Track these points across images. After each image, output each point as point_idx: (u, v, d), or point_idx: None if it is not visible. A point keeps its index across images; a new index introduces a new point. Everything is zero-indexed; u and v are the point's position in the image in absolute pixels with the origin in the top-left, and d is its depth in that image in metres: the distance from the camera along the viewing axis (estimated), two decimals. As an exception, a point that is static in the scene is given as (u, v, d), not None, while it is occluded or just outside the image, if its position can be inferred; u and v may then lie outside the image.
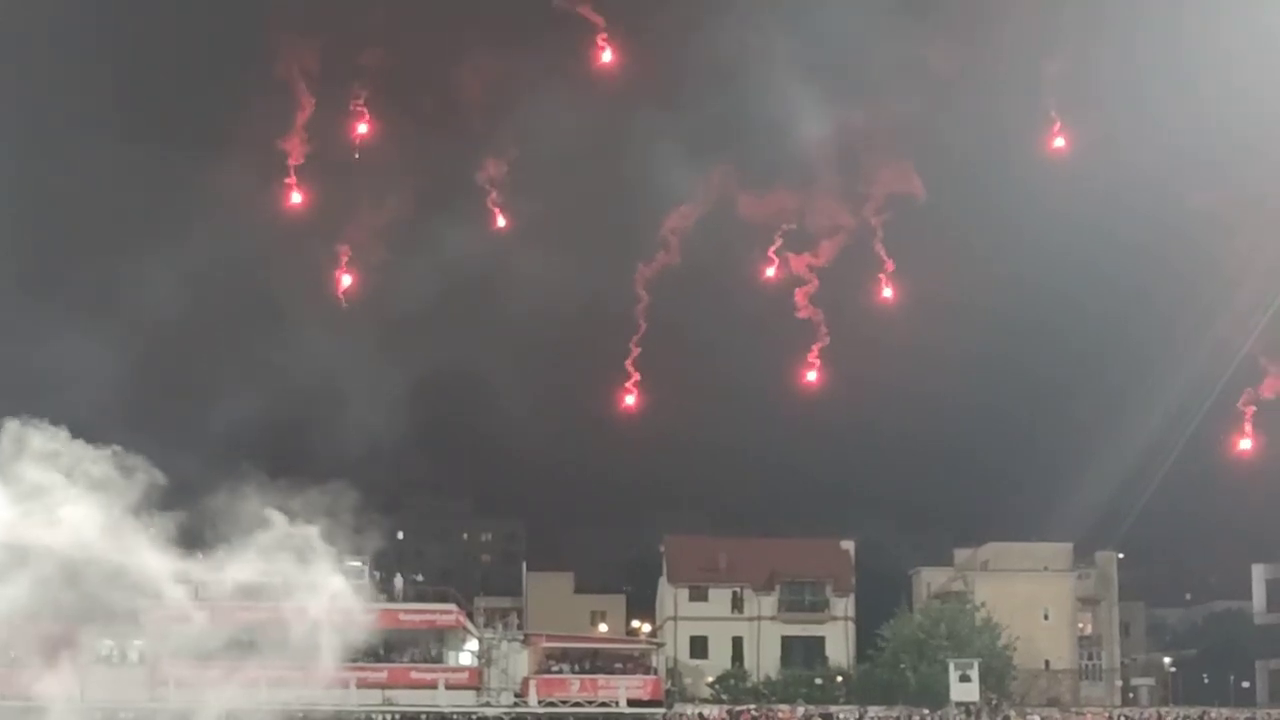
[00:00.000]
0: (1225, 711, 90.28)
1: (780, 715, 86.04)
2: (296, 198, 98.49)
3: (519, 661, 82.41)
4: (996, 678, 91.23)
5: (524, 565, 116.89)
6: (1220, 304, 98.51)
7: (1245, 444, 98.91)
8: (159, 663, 78.00)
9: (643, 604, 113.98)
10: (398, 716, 79.51)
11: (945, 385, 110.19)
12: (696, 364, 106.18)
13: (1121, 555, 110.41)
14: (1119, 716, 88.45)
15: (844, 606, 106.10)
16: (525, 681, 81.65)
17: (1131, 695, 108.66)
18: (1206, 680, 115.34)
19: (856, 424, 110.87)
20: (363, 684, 79.02)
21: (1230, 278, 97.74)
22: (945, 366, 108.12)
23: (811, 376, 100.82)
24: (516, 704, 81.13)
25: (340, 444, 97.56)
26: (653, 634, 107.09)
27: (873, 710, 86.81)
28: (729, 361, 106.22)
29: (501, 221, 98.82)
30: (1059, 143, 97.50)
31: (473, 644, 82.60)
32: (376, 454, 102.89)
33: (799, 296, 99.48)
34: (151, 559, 64.27)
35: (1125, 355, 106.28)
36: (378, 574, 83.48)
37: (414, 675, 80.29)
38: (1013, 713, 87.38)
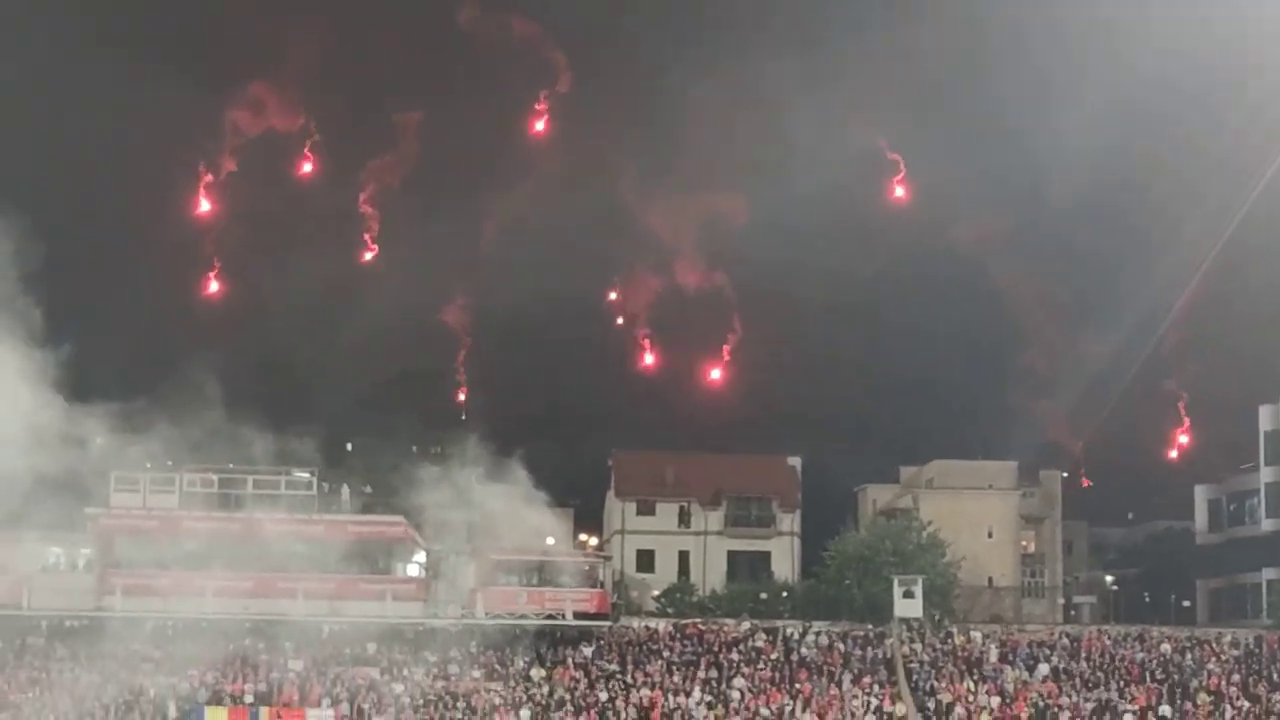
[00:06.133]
0: (1166, 630, 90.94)
1: (725, 629, 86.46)
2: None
3: (466, 574, 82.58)
4: (940, 594, 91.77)
5: (472, 478, 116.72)
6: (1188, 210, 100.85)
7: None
8: (106, 571, 78.06)
9: (590, 518, 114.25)
10: (345, 627, 79.60)
11: (893, 305, 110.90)
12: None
13: (1065, 474, 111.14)
14: (1060, 633, 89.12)
15: (790, 522, 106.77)
16: (472, 594, 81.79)
17: (1073, 613, 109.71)
18: (1147, 599, 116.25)
19: (803, 342, 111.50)
20: (310, 595, 79.12)
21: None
22: (893, 285, 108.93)
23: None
24: (463, 616, 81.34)
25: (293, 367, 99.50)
26: (600, 547, 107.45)
27: (817, 625, 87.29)
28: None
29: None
30: (899, 192, 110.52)
31: (420, 556, 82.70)
32: (327, 373, 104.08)
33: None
34: None
35: (1073, 280, 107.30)
36: (325, 485, 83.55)
37: (361, 586, 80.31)
38: (955, 629, 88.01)
